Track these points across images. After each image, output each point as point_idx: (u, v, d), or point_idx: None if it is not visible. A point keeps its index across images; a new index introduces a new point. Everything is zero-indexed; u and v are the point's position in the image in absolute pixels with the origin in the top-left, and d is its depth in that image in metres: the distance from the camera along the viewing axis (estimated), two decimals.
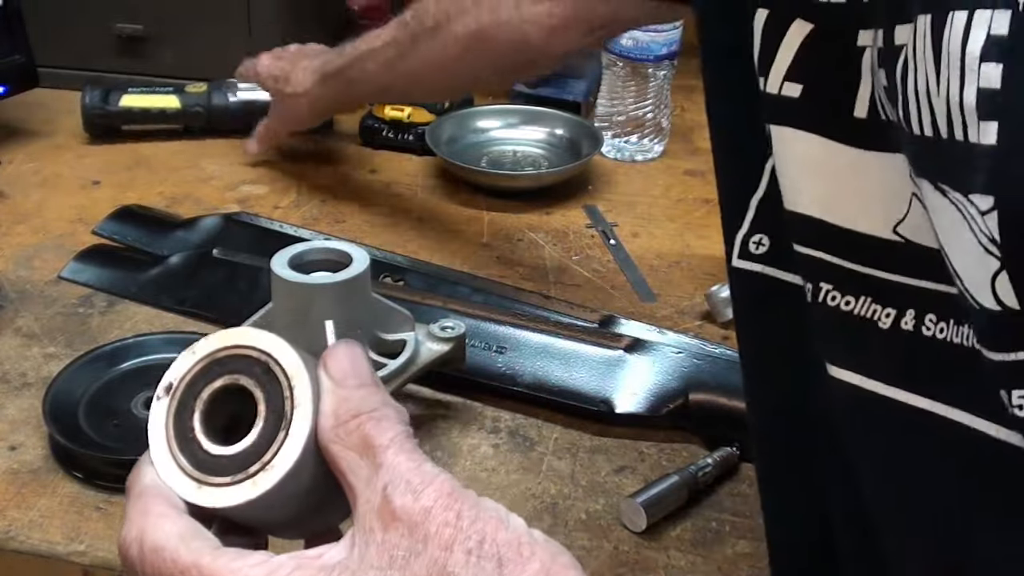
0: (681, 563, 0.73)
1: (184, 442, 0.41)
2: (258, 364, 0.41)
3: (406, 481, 0.39)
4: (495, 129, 1.29)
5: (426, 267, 1.03)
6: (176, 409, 0.42)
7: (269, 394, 0.40)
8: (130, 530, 0.40)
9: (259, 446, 0.40)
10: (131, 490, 0.42)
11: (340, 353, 0.42)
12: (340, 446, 0.40)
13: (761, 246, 0.51)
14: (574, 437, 0.84)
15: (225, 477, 0.40)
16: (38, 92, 1.26)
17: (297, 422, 0.40)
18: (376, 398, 0.41)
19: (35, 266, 1.03)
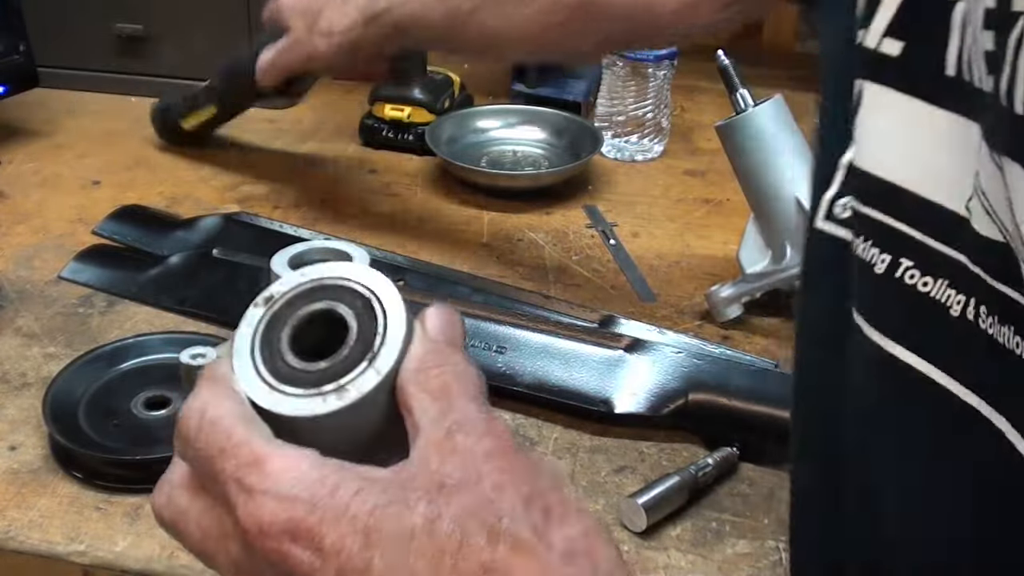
0: (681, 563, 0.73)
1: (268, 350, 0.41)
2: (360, 298, 0.42)
3: (473, 424, 0.39)
4: (495, 129, 1.29)
5: (426, 267, 1.03)
6: (269, 320, 0.42)
7: (362, 326, 0.41)
8: (194, 401, 0.41)
9: (338, 369, 0.40)
10: (204, 374, 0.42)
11: (440, 312, 0.43)
12: (417, 387, 0.40)
13: (847, 210, 0.48)
14: (574, 437, 0.84)
15: (298, 388, 0.40)
16: (38, 92, 1.26)
17: (382, 356, 0.40)
18: (462, 357, 0.42)
19: (35, 266, 1.03)
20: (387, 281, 0.42)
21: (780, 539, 0.75)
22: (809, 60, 1.51)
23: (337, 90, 1.43)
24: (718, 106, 1.32)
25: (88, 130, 1.31)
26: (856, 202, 0.46)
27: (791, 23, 1.57)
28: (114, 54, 1.37)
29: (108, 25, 1.35)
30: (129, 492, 0.77)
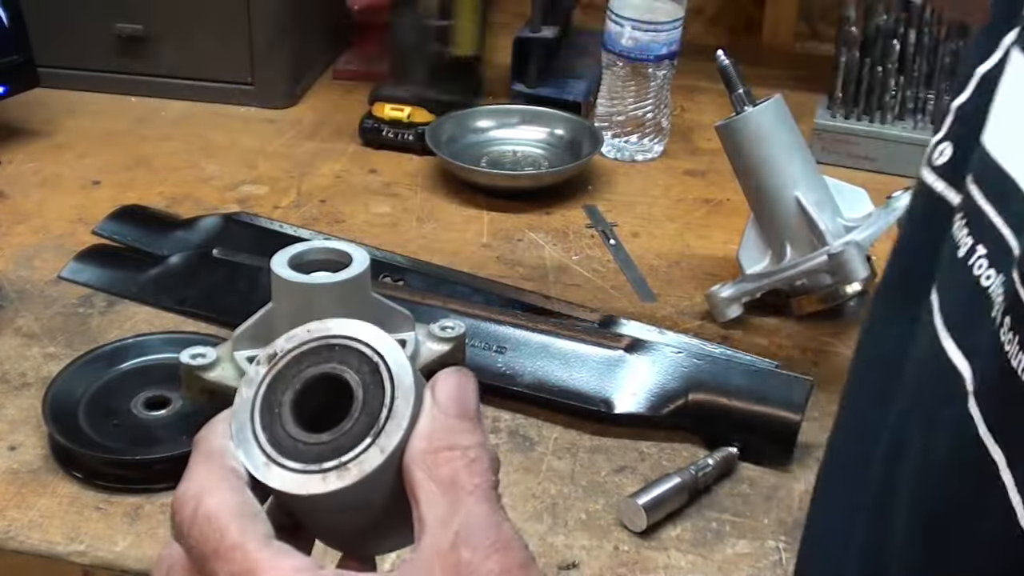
0: (681, 563, 0.73)
1: (268, 415, 0.40)
2: (368, 363, 0.40)
3: (480, 536, 0.36)
4: (495, 129, 1.29)
5: (426, 267, 1.03)
6: (271, 380, 0.40)
7: (368, 396, 0.39)
8: (190, 487, 0.39)
9: (341, 445, 0.38)
10: (199, 446, 0.40)
11: (452, 379, 0.40)
12: (424, 474, 0.37)
13: (942, 156, 0.44)
14: (574, 437, 0.84)
15: (297, 463, 0.38)
16: (38, 92, 1.26)
17: (388, 433, 0.38)
18: (475, 436, 0.39)
19: (35, 266, 1.03)
20: (395, 345, 0.40)
21: (780, 539, 0.76)
22: (809, 60, 1.51)
23: (337, 90, 1.43)
24: (718, 106, 1.32)
25: (88, 130, 1.31)
26: (952, 147, 0.43)
27: (791, 23, 1.57)
28: (114, 54, 1.36)
29: (108, 25, 1.34)
30: (129, 492, 0.77)
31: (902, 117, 1.25)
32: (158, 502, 0.77)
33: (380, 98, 1.27)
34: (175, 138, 1.30)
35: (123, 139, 1.29)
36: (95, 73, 1.38)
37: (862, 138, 1.24)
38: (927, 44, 1.23)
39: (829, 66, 1.27)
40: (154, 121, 1.34)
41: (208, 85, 1.37)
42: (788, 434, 0.81)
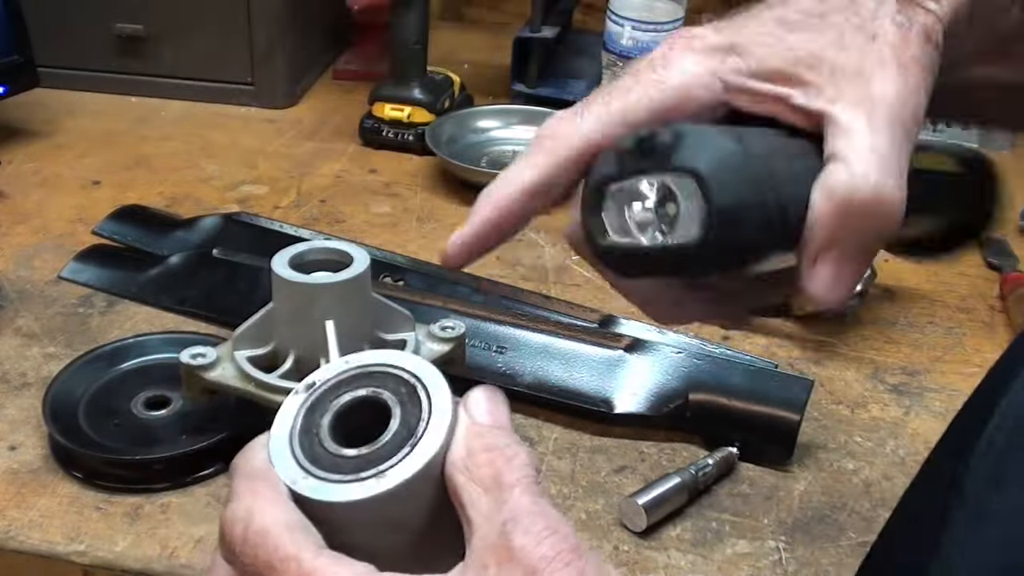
0: (681, 563, 0.73)
1: (307, 437, 0.40)
2: (405, 384, 0.41)
3: (529, 522, 0.37)
4: (495, 129, 1.29)
5: (426, 267, 1.03)
6: (310, 406, 0.41)
7: (405, 412, 0.40)
8: (238, 508, 0.39)
9: (380, 455, 0.39)
10: (239, 469, 0.41)
11: (484, 394, 0.42)
12: (466, 477, 0.38)
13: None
14: (574, 437, 0.84)
15: (336, 475, 0.39)
16: (38, 92, 1.26)
17: (425, 441, 0.39)
18: (511, 437, 0.40)
19: (35, 266, 1.03)
20: (431, 367, 0.41)
21: (780, 539, 0.76)
22: None
23: (337, 90, 1.43)
24: None
25: (88, 130, 1.31)
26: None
27: None
28: (114, 54, 1.37)
29: (108, 25, 1.35)
30: (129, 492, 0.77)
31: None
32: (158, 502, 0.77)
33: (380, 98, 1.27)
34: (175, 138, 1.30)
35: (123, 139, 1.29)
36: (95, 73, 1.38)
37: None
38: None
39: None
40: (154, 121, 1.34)
41: (208, 85, 1.37)
42: (788, 434, 0.81)
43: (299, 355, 0.78)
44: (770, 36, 0.43)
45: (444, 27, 1.61)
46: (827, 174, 0.40)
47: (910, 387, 0.91)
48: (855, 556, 0.74)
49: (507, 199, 0.41)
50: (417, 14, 1.24)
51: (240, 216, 1.10)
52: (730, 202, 0.39)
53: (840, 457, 0.83)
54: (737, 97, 0.43)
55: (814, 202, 0.40)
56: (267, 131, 1.32)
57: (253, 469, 0.40)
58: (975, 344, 0.97)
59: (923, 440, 0.85)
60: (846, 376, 0.92)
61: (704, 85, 0.43)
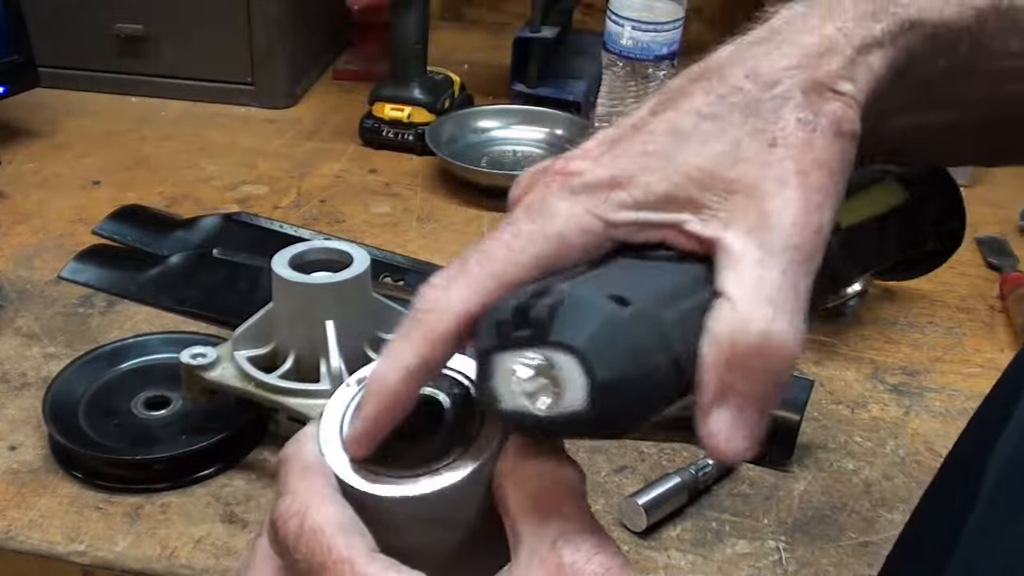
0: (681, 563, 0.73)
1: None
2: (458, 386, 0.41)
3: (580, 540, 0.37)
4: (495, 129, 1.29)
5: (426, 267, 1.03)
6: (360, 400, 0.41)
7: (459, 413, 0.40)
8: (293, 503, 0.39)
9: (430, 454, 0.39)
10: (291, 461, 0.40)
11: None
12: (515, 487, 0.38)
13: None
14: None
15: (388, 470, 0.39)
16: (38, 92, 1.26)
17: (479, 444, 0.39)
18: (560, 454, 0.39)
19: (35, 266, 1.03)
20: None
21: (780, 539, 0.76)
22: None
23: (337, 90, 1.43)
24: None
25: (88, 130, 1.31)
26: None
27: None
28: (114, 54, 1.37)
29: (108, 25, 1.35)
30: (129, 492, 0.77)
31: None
32: (158, 502, 0.77)
33: (380, 98, 1.27)
34: (175, 138, 1.30)
35: (123, 139, 1.29)
36: (95, 73, 1.38)
37: None
38: None
39: None
40: (154, 121, 1.34)
41: (208, 85, 1.37)
42: (788, 434, 0.81)
43: (299, 355, 0.79)
44: (657, 156, 0.39)
45: (444, 27, 1.61)
46: (711, 318, 0.37)
47: (910, 387, 0.91)
48: (855, 556, 0.74)
49: (391, 390, 0.38)
50: (417, 14, 1.24)
51: (240, 216, 1.10)
52: (614, 375, 0.36)
53: (840, 457, 0.83)
54: (624, 231, 0.40)
55: (700, 349, 0.37)
56: (267, 131, 1.32)
57: (305, 462, 0.40)
58: (975, 344, 0.97)
59: (923, 440, 0.85)
60: (846, 376, 0.92)
61: (585, 229, 0.39)
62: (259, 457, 0.80)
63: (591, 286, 0.38)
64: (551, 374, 0.37)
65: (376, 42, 1.47)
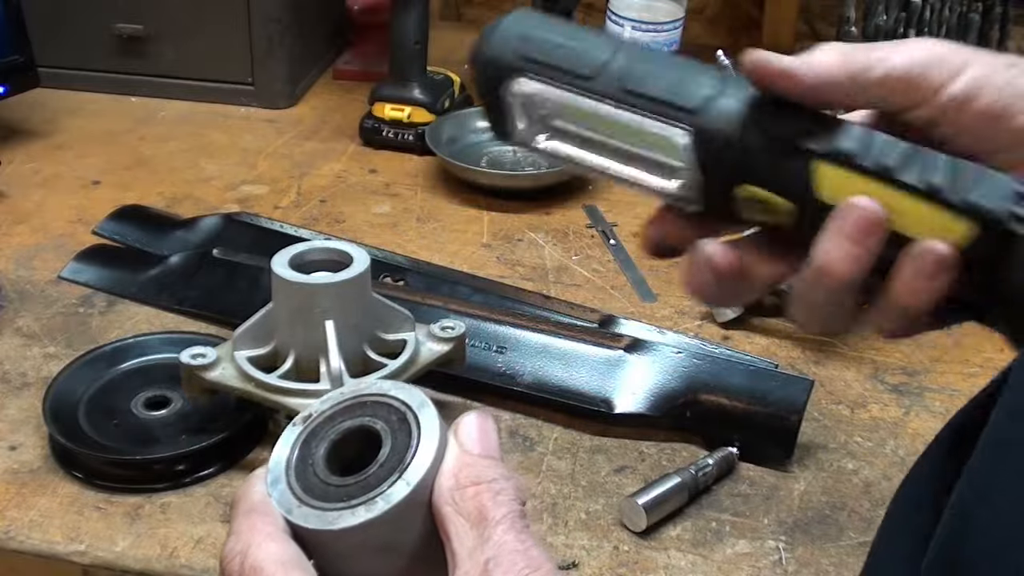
0: (681, 563, 0.73)
1: (302, 467, 0.42)
2: (396, 412, 0.42)
3: (510, 562, 0.37)
4: None
5: (426, 267, 1.03)
6: (306, 437, 0.43)
7: (396, 440, 0.41)
8: (236, 543, 0.40)
9: (370, 482, 0.40)
10: (239, 504, 0.42)
11: (472, 421, 0.42)
12: (452, 509, 0.39)
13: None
14: (574, 437, 0.84)
15: (328, 503, 0.40)
16: (38, 92, 1.26)
17: (413, 468, 0.40)
18: (499, 470, 0.40)
19: (35, 266, 1.03)
20: (423, 396, 0.42)
21: (780, 539, 0.76)
22: None
23: (337, 90, 1.43)
24: None
25: (88, 130, 1.31)
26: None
27: (791, 23, 1.57)
28: (114, 54, 1.37)
29: (108, 25, 1.35)
30: (129, 492, 0.77)
31: None
32: (158, 502, 0.77)
33: (380, 98, 1.27)
34: (175, 138, 1.30)
35: (123, 139, 1.29)
36: (95, 73, 1.38)
37: None
38: None
39: None
40: (154, 121, 1.34)
41: (208, 85, 1.37)
42: (788, 434, 0.81)
43: (299, 355, 0.79)
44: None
45: (444, 27, 1.61)
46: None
47: (910, 387, 0.91)
48: (855, 556, 0.74)
49: None
50: (417, 14, 1.24)
51: (240, 216, 1.10)
52: None
53: (840, 457, 0.83)
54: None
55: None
56: (267, 131, 1.32)
57: (251, 503, 0.41)
58: (975, 344, 0.97)
59: (923, 440, 0.85)
60: (846, 376, 0.92)
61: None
62: (259, 457, 0.80)
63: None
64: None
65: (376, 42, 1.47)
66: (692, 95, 0.46)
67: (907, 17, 1.22)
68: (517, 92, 0.48)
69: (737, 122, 0.45)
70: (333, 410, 0.43)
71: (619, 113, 0.46)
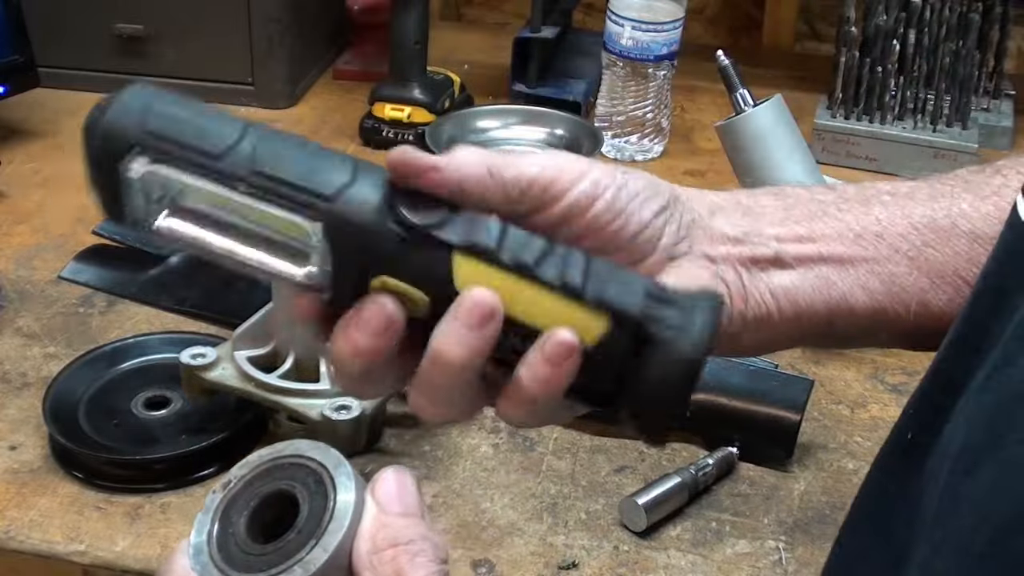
0: (681, 563, 0.73)
1: (224, 536, 0.42)
2: (313, 475, 0.42)
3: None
4: (495, 129, 1.29)
5: None
6: (226, 505, 0.43)
7: (313, 504, 0.41)
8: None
9: (288, 550, 0.40)
10: (164, 572, 0.43)
11: (389, 478, 0.42)
12: (371, 574, 0.40)
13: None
14: (574, 437, 0.84)
15: (248, 573, 0.40)
16: (38, 92, 1.26)
17: (329, 533, 0.40)
18: (417, 530, 0.40)
19: (35, 266, 1.03)
20: (339, 457, 0.42)
21: (780, 539, 0.76)
22: (809, 60, 1.51)
23: (337, 90, 1.43)
24: (718, 106, 1.32)
25: None
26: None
27: (791, 23, 1.57)
28: (114, 54, 1.36)
29: (108, 25, 1.34)
30: (129, 492, 0.77)
31: (902, 117, 1.25)
32: (158, 502, 0.77)
33: (380, 98, 1.27)
34: None
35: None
36: (95, 73, 1.38)
37: (862, 138, 1.24)
38: (927, 44, 1.23)
39: (829, 66, 1.27)
40: None
41: (208, 85, 1.36)
42: (788, 434, 0.81)
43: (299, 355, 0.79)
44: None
45: (444, 27, 1.61)
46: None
47: (910, 387, 0.91)
48: None
49: None
50: (417, 14, 1.24)
51: None
52: None
53: (840, 457, 0.83)
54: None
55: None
56: None
57: (174, 568, 0.42)
58: None
59: None
60: (846, 376, 0.92)
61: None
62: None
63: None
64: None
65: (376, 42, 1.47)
66: (327, 181, 0.43)
67: (907, 17, 1.22)
68: (136, 168, 0.45)
69: (372, 211, 0.43)
70: (251, 475, 0.43)
71: (247, 196, 0.44)
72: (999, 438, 0.37)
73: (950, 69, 1.24)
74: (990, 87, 1.30)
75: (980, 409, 0.40)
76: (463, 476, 0.80)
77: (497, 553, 0.74)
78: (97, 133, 0.47)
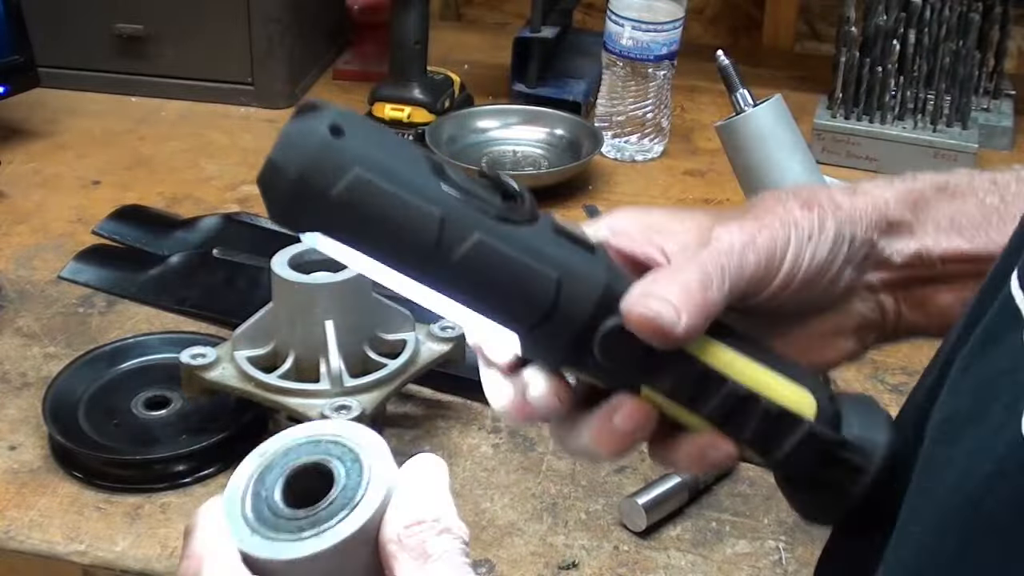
0: (681, 563, 0.73)
1: (256, 498, 0.43)
2: (350, 452, 0.44)
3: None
4: (495, 129, 1.29)
5: None
6: (261, 471, 0.44)
7: (349, 477, 0.43)
8: (189, 567, 0.42)
9: (320, 516, 0.42)
10: (194, 529, 0.43)
11: (423, 461, 0.44)
12: (397, 546, 0.41)
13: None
14: None
15: (279, 533, 0.42)
16: (38, 92, 1.26)
17: (363, 505, 0.42)
18: (444, 509, 0.42)
19: (35, 266, 1.03)
20: (377, 437, 0.44)
21: (780, 539, 0.76)
22: (809, 60, 1.51)
23: (337, 90, 1.43)
24: (718, 106, 1.32)
25: (88, 130, 1.30)
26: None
27: (791, 23, 1.57)
28: (114, 54, 1.36)
29: (108, 25, 1.34)
30: (129, 492, 0.77)
31: (902, 117, 1.25)
32: (158, 502, 0.77)
33: (380, 98, 1.27)
34: (175, 138, 1.30)
35: (123, 139, 1.29)
36: (95, 73, 1.38)
37: (862, 138, 1.24)
38: (927, 44, 1.23)
39: (829, 66, 1.27)
40: (154, 121, 1.34)
41: (208, 85, 1.37)
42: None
43: (299, 355, 0.79)
44: None
45: (444, 27, 1.61)
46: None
47: (910, 387, 0.91)
48: None
49: None
50: (417, 14, 1.24)
51: (240, 216, 1.10)
52: None
53: None
54: None
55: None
56: (267, 131, 1.32)
57: (206, 529, 0.43)
58: None
59: None
60: (846, 376, 0.92)
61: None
62: None
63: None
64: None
65: (376, 42, 1.47)
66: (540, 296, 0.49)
67: (907, 17, 1.22)
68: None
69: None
70: (289, 446, 0.45)
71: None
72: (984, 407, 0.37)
73: (950, 69, 1.24)
74: (990, 87, 1.30)
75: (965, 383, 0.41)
76: (463, 476, 0.80)
77: (497, 553, 0.74)
78: (286, 177, 0.45)
